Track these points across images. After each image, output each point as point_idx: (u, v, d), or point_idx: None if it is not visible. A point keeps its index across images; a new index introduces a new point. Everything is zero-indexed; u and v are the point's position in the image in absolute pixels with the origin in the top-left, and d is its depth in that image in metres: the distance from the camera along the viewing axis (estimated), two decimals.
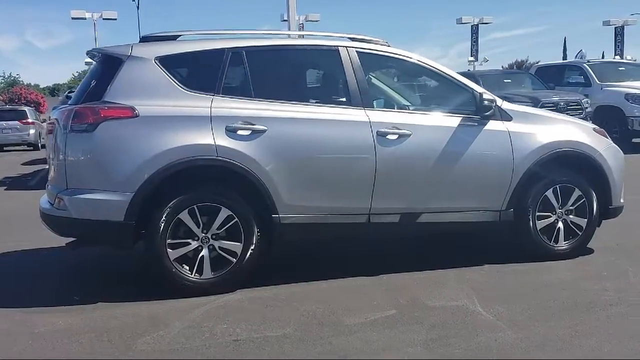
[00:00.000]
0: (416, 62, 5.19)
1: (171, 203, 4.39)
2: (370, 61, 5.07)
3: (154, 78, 4.54)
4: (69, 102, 5.01)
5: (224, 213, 4.50)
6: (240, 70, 4.73)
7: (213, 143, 4.44)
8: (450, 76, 5.21)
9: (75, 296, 4.51)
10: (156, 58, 4.58)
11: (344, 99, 4.88)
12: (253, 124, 4.55)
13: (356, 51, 4.98)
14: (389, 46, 5.19)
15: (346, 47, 4.98)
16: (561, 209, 5.29)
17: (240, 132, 4.52)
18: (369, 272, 4.97)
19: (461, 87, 5.20)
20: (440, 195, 5.03)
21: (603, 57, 31.04)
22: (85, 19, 33.16)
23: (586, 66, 15.44)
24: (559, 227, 5.29)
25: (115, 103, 4.41)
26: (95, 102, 4.45)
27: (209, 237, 4.50)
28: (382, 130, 4.82)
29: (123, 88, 4.48)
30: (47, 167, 5.10)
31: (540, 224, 5.25)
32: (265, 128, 4.57)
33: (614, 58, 30.30)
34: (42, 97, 49.79)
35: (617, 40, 42.02)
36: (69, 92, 16.51)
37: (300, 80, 5.25)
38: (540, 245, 5.28)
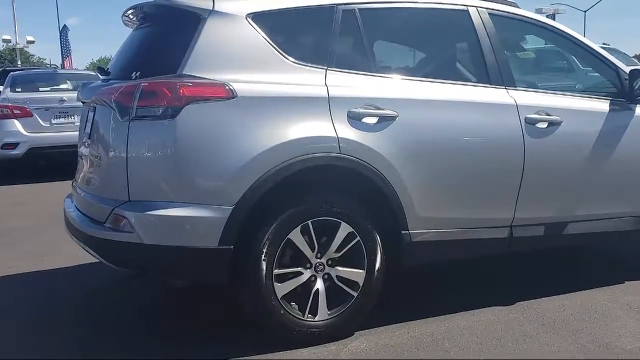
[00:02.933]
0: (556, 30, 4.09)
1: (279, 219, 3.13)
2: (504, 26, 3.92)
3: (249, 43, 3.21)
4: (108, 78, 3.60)
5: (344, 230, 3.28)
6: (354, 35, 3.47)
7: (334, 135, 3.18)
8: (595, 50, 4.16)
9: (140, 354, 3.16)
10: (249, 15, 3.25)
11: (481, 75, 3.73)
12: (381, 108, 3.33)
13: (488, 13, 3.85)
14: (518, 7, 4.08)
15: (476, 7, 3.84)
16: None
17: (365, 119, 3.29)
18: (499, 300, 3.88)
19: (606, 65, 4.16)
20: (590, 200, 4.00)
21: None
22: None
23: None
24: None
25: (203, 78, 3.07)
26: (170, 76, 3.08)
27: (324, 263, 3.28)
28: (531, 116, 3.72)
29: (207, 56, 3.12)
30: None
31: None
32: (396, 113, 3.36)
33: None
34: None
35: None
36: (6, 67, 14.44)
37: (426, 50, 4.02)
38: None
